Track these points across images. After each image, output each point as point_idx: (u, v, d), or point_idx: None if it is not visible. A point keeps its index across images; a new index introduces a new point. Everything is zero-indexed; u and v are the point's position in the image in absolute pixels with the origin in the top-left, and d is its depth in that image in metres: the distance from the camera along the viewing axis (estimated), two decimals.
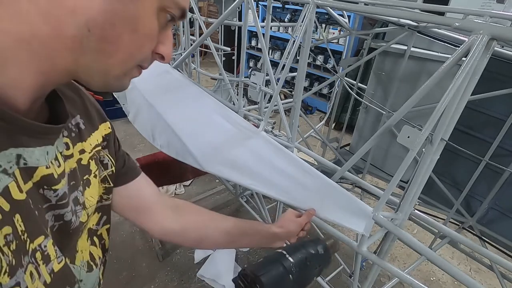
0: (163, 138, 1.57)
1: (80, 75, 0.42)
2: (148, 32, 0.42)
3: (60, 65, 0.39)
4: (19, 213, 0.37)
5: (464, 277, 0.84)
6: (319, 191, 1.10)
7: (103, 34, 0.38)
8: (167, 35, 0.46)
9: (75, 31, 0.37)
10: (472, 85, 0.76)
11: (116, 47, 0.40)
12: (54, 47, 0.37)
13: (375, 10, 1.05)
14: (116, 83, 0.45)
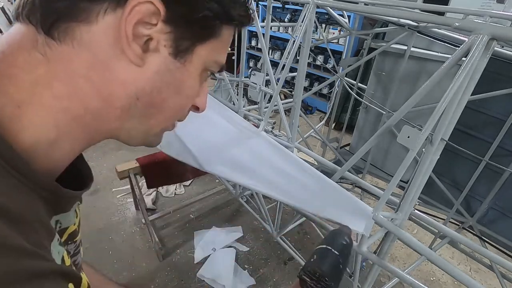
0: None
1: (122, 137, 0.42)
2: (191, 93, 0.44)
3: (106, 131, 0.40)
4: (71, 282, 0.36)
5: (464, 277, 0.84)
6: (319, 191, 1.10)
7: (150, 101, 0.39)
8: (204, 88, 0.48)
9: (124, 101, 0.38)
10: (472, 85, 0.76)
11: (160, 110, 0.41)
12: (104, 118, 0.38)
13: (375, 10, 1.05)
14: (154, 139, 0.46)
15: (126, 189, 2.87)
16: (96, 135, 0.40)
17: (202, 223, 2.63)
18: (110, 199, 2.84)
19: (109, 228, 2.51)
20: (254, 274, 2.20)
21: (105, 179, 3.10)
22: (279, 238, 1.91)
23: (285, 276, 2.22)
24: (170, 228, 2.57)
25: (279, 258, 2.34)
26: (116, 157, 3.49)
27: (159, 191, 2.96)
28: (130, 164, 2.26)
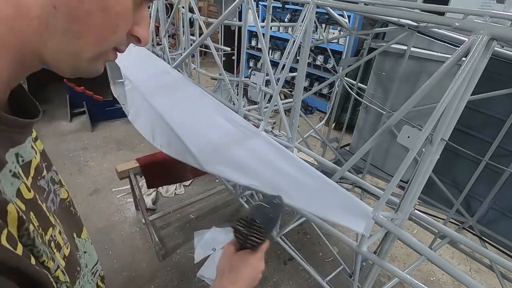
0: (163, 138, 1.57)
1: (49, 60, 0.39)
2: (121, 11, 0.40)
3: (30, 50, 0.37)
4: (32, 211, 0.40)
5: (464, 277, 0.84)
6: (319, 191, 1.10)
7: (70, 12, 0.36)
8: (143, 15, 0.44)
9: (39, 11, 0.35)
10: (472, 85, 0.76)
11: (86, 27, 0.38)
12: (20, 30, 0.35)
13: (375, 10, 1.05)
14: (88, 67, 0.43)
15: (126, 189, 2.87)
16: (21, 56, 0.37)
17: (202, 223, 2.63)
18: (110, 199, 2.84)
19: (109, 228, 2.51)
20: None
21: (105, 179, 3.10)
22: (279, 238, 1.91)
23: (285, 276, 2.22)
24: (170, 228, 2.57)
25: (279, 258, 2.34)
26: (116, 157, 3.49)
27: (159, 191, 2.96)
28: (130, 164, 2.26)
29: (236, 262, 0.70)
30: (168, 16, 2.25)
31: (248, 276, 0.69)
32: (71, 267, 0.49)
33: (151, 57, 2.31)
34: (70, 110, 4.26)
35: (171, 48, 3.36)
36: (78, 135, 3.90)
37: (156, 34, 2.63)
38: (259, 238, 0.68)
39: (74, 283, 0.49)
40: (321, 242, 2.48)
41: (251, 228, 0.68)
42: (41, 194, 0.45)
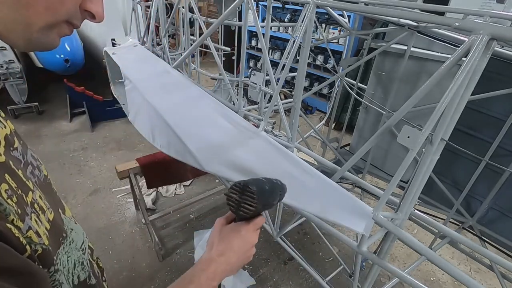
0: (163, 138, 1.57)
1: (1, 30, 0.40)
2: None
3: None
4: (7, 173, 0.42)
5: (464, 277, 0.84)
6: (319, 191, 1.10)
7: None
8: None
9: None
10: (472, 85, 0.76)
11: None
12: None
13: (375, 10, 1.05)
14: (41, 38, 0.43)
15: (126, 189, 2.87)
16: None
17: (202, 223, 2.64)
18: (110, 199, 2.84)
19: (109, 228, 2.51)
20: (254, 274, 2.20)
21: (105, 179, 3.10)
22: (279, 238, 1.91)
23: (285, 276, 2.22)
24: (170, 228, 2.57)
25: (279, 258, 2.34)
26: (116, 157, 3.49)
27: (159, 191, 2.96)
28: (130, 164, 2.26)
29: (226, 233, 0.67)
30: (168, 16, 2.25)
31: (239, 248, 0.66)
32: (56, 231, 0.51)
33: (151, 57, 2.31)
34: (70, 110, 4.26)
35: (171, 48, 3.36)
36: (78, 135, 3.90)
37: (156, 34, 2.63)
38: (252, 206, 0.64)
39: (58, 247, 0.52)
40: (321, 242, 2.48)
41: (243, 195, 0.64)
42: (16, 163, 0.47)
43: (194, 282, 0.60)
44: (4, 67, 3.80)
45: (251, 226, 0.68)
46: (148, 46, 2.58)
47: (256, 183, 0.66)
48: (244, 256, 0.68)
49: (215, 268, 0.63)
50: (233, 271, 0.67)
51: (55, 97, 4.77)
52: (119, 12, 3.68)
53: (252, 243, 0.68)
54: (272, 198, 0.70)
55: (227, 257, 0.64)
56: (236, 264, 0.67)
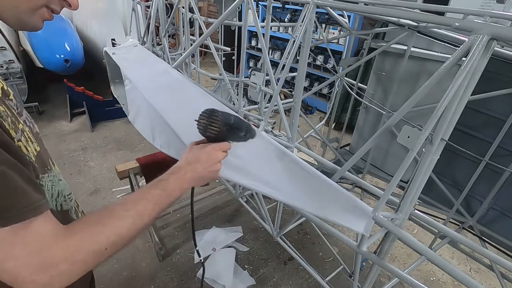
0: (163, 138, 1.57)
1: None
2: None
3: None
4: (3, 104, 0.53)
5: (464, 277, 0.84)
6: (319, 191, 1.10)
7: None
8: None
9: None
10: (472, 85, 0.76)
11: None
12: None
13: (375, 10, 1.05)
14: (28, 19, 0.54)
15: (126, 189, 2.87)
16: None
17: (202, 223, 2.64)
18: (110, 199, 2.84)
19: None
20: (254, 274, 2.20)
21: (105, 179, 3.10)
22: (279, 238, 1.91)
23: (285, 276, 2.22)
24: (170, 228, 2.57)
25: (279, 258, 2.34)
26: (116, 157, 3.49)
27: None
28: (130, 164, 2.26)
29: (195, 149, 0.80)
30: (168, 16, 2.25)
31: (205, 160, 0.78)
32: (41, 161, 0.63)
33: (151, 57, 2.31)
34: (70, 110, 4.26)
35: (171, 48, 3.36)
36: (78, 135, 3.90)
37: (156, 34, 2.62)
38: (217, 126, 0.76)
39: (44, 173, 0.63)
40: (321, 242, 2.48)
41: (210, 118, 0.76)
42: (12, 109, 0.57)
43: (164, 180, 0.72)
44: (4, 67, 3.80)
45: (216, 146, 0.81)
46: (148, 46, 2.58)
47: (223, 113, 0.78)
48: (210, 168, 0.79)
49: (183, 172, 0.75)
50: (200, 180, 0.79)
51: (55, 97, 4.77)
52: (119, 12, 3.68)
53: (216, 158, 0.81)
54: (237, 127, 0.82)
55: (194, 166, 0.77)
56: (202, 174, 0.78)
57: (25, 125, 0.63)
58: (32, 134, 0.64)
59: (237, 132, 0.82)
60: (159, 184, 0.71)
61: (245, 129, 0.84)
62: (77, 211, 0.81)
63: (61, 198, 0.71)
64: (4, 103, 0.55)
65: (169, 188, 0.71)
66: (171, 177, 0.73)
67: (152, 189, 0.69)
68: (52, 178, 0.68)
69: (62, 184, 0.74)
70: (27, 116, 0.68)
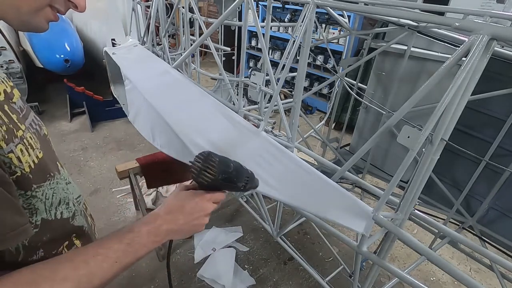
0: (163, 138, 1.57)
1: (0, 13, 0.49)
2: None
3: None
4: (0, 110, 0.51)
5: (464, 277, 0.84)
6: (319, 191, 1.10)
7: None
8: None
9: None
10: (472, 85, 0.76)
11: None
12: None
13: (375, 10, 1.05)
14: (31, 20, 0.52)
15: (126, 189, 2.87)
16: None
17: None
18: (110, 199, 2.84)
19: (109, 228, 2.51)
20: (254, 274, 2.20)
21: (105, 179, 3.10)
22: (279, 238, 1.91)
23: (285, 276, 2.22)
24: None
25: (279, 258, 2.34)
26: (116, 157, 3.49)
27: (159, 191, 2.96)
28: (130, 164, 2.26)
29: (182, 195, 0.68)
30: (168, 16, 2.25)
31: (190, 212, 0.66)
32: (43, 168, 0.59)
33: (151, 57, 2.31)
34: (70, 110, 4.26)
35: (171, 48, 3.36)
36: (78, 135, 3.90)
37: (156, 34, 2.62)
38: (212, 174, 0.66)
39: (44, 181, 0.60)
40: (321, 242, 2.48)
41: (206, 162, 0.67)
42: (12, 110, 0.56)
43: (133, 232, 0.59)
44: (4, 67, 3.80)
45: (208, 195, 0.69)
46: (148, 46, 2.58)
47: (220, 158, 0.69)
48: (194, 222, 0.67)
49: (160, 224, 0.62)
50: (180, 234, 0.66)
51: (55, 97, 4.77)
52: (119, 12, 3.68)
53: (204, 211, 0.68)
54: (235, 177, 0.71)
55: (174, 217, 0.64)
56: (183, 227, 0.65)
57: (31, 128, 0.61)
58: (38, 138, 0.61)
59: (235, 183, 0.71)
60: (125, 237, 0.58)
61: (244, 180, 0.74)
62: (85, 214, 0.79)
63: (63, 206, 0.66)
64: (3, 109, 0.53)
65: (137, 243, 0.58)
66: (142, 229, 0.60)
67: (116, 242, 0.57)
68: (54, 185, 0.63)
69: (70, 187, 0.71)
70: (34, 118, 0.66)
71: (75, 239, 0.71)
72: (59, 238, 0.65)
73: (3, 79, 0.60)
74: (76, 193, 0.74)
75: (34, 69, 4.12)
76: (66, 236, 0.68)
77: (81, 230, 0.74)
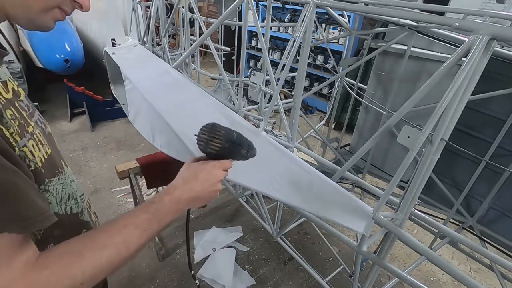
0: (163, 138, 1.57)
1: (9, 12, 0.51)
2: None
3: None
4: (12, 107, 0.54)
5: (464, 277, 0.84)
6: (319, 191, 1.10)
7: None
8: None
9: None
10: (472, 85, 0.76)
11: None
12: None
13: (375, 10, 1.05)
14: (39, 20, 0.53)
15: (126, 189, 2.87)
16: None
17: (202, 223, 2.63)
18: (110, 199, 2.84)
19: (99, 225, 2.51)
20: (254, 274, 2.20)
21: (105, 179, 3.10)
22: (279, 238, 1.91)
23: (285, 276, 2.22)
24: (170, 228, 2.57)
25: (279, 258, 2.34)
26: (116, 157, 3.49)
27: (159, 191, 2.96)
28: (130, 164, 2.26)
29: (194, 166, 0.72)
30: (168, 16, 2.25)
31: (204, 179, 0.70)
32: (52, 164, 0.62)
33: (151, 57, 2.31)
34: (70, 110, 4.26)
35: (171, 48, 3.36)
36: (78, 135, 3.90)
37: (156, 34, 2.62)
38: (219, 142, 0.69)
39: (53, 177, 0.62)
40: (321, 242, 2.48)
41: (211, 133, 0.69)
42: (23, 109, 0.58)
43: (156, 202, 0.64)
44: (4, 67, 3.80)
45: (217, 163, 0.73)
46: (148, 46, 2.58)
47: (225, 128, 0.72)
48: (209, 188, 0.71)
49: (180, 193, 0.67)
50: (198, 201, 0.71)
51: (55, 97, 4.77)
52: (119, 12, 3.68)
53: (216, 177, 0.72)
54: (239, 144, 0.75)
55: (191, 185, 0.68)
56: (201, 194, 0.70)
57: (37, 126, 0.62)
58: (44, 135, 0.63)
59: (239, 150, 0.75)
60: (150, 207, 0.63)
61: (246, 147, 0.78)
62: (89, 212, 0.80)
63: (72, 201, 0.69)
64: (14, 105, 0.55)
65: (161, 212, 0.63)
66: (164, 199, 0.65)
67: (142, 212, 0.61)
68: (63, 181, 0.66)
69: (74, 185, 0.72)
70: (39, 117, 0.67)
71: None
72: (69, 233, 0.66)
73: (10, 78, 0.61)
74: (80, 191, 0.75)
75: (34, 69, 4.12)
76: (76, 231, 0.70)
77: (89, 225, 0.76)
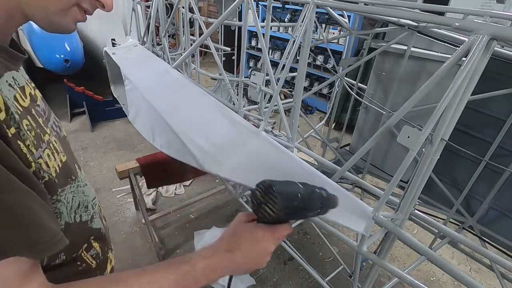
0: (163, 138, 1.57)
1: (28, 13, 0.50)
2: None
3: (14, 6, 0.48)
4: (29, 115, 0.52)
5: (464, 277, 0.84)
6: None
7: None
8: None
9: None
10: (472, 85, 0.76)
11: None
12: None
13: (375, 10, 1.05)
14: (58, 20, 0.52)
15: (126, 189, 2.87)
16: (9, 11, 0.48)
17: (202, 223, 2.63)
18: (110, 199, 2.84)
19: (109, 228, 2.51)
20: (254, 274, 2.20)
21: (105, 179, 3.10)
22: None
23: (285, 276, 2.22)
24: (170, 228, 2.57)
25: (279, 258, 2.34)
26: (116, 157, 3.49)
27: (159, 191, 2.96)
28: (130, 164, 2.26)
29: (242, 230, 0.61)
30: (168, 16, 2.25)
31: (249, 251, 0.59)
32: (66, 172, 0.60)
33: (151, 57, 2.31)
34: (70, 110, 4.26)
35: (171, 48, 3.36)
36: (78, 135, 3.90)
37: (156, 34, 2.62)
38: (272, 210, 0.56)
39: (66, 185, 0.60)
40: (321, 242, 2.48)
41: (266, 195, 0.57)
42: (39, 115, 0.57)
43: (190, 264, 0.56)
44: None
45: (270, 232, 0.61)
46: (148, 46, 2.58)
47: (284, 187, 0.58)
48: (254, 261, 0.61)
49: (218, 260, 0.58)
50: (238, 272, 0.61)
51: (55, 97, 4.77)
52: (119, 12, 3.68)
53: (266, 250, 0.61)
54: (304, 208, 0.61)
55: (233, 255, 0.59)
56: (243, 266, 0.60)
57: (53, 131, 0.61)
58: (59, 140, 0.61)
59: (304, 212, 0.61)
60: (181, 267, 0.55)
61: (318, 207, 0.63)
62: (100, 216, 0.79)
63: (82, 209, 0.66)
64: (31, 113, 0.53)
65: (191, 277, 0.55)
66: (199, 263, 0.56)
67: (171, 273, 0.54)
68: (74, 188, 0.63)
69: (87, 189, 0.70)
70: (54, 120, 0.65)
71: (93, 242, 0.71)
72: (79, 241, 0.65)
73: (27, 81, 0.59)
74: (92, 195, 0.73)
75: (34, 69, 4.11)
76: (85, 239, 0.68)
77: (99, 232, 0.74)
